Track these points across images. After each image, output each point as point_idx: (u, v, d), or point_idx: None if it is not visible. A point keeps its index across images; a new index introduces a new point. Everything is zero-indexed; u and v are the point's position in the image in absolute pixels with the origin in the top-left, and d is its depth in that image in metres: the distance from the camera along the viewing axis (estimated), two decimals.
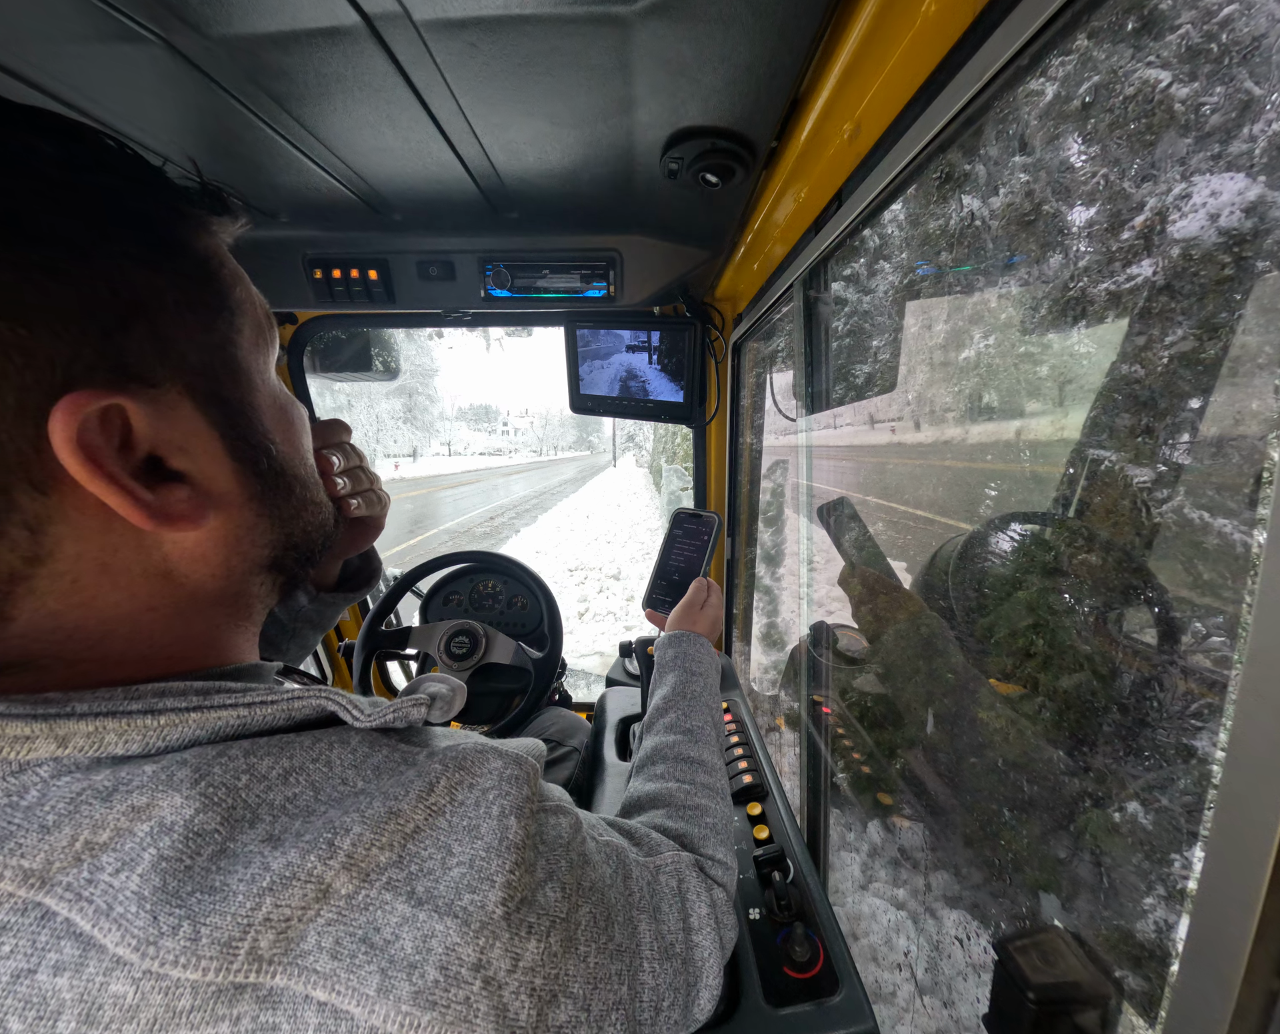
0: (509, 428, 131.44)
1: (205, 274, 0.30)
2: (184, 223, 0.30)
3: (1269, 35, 1.13)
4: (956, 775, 1.29)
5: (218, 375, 0.30)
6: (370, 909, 0.25)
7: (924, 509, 5.20)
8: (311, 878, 0.24)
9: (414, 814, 0.27)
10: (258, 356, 0.34)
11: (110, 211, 0.26)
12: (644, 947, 0.35)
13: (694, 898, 0.41)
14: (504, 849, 0.28)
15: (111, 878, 0.22)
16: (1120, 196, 1.65)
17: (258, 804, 0.26)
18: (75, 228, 0.25)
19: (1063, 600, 1.10)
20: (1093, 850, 0.86)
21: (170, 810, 0.24)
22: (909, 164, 0.50)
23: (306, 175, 0.74)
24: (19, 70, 0.52)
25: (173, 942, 0.22)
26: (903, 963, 1.40)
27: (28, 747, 0.24)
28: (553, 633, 1.27)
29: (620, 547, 8.71)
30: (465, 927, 0.25)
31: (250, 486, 0.32)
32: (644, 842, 0.43)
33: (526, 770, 0.32)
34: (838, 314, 3.93)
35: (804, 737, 1.16)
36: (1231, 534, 0.93)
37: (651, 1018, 0.34)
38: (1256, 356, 0.96)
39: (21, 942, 0.22)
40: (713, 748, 0.58)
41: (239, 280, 0.33)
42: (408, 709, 0.33)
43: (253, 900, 0.23)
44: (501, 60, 0.50)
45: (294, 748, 0.28)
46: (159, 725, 0.26)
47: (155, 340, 0.27)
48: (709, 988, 0.39)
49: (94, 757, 0.25)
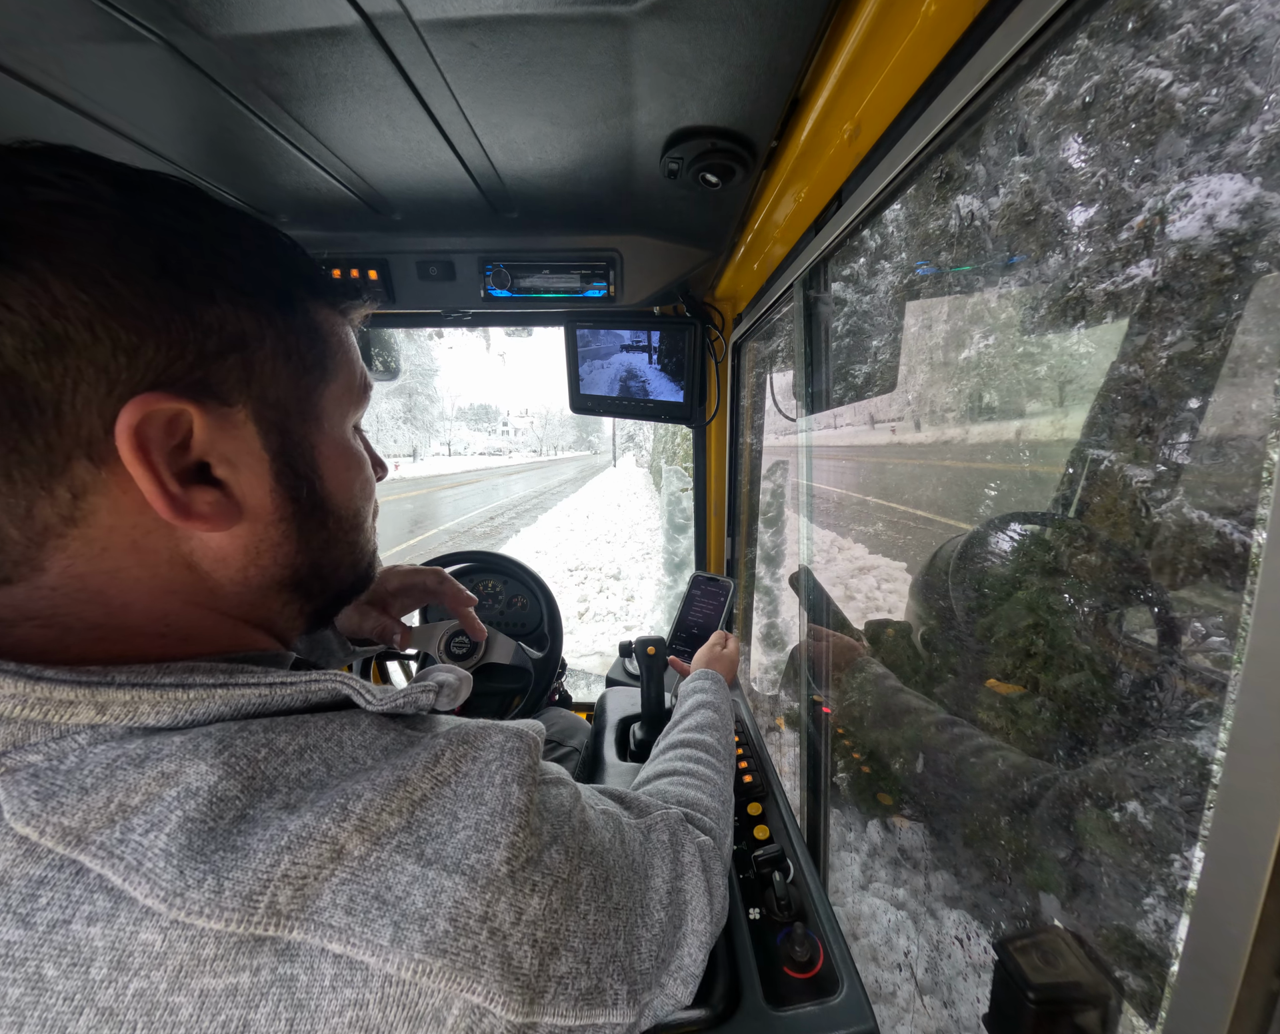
0: (509, 428, 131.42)
1: (311, 338, 0.35)
2: (313, 298, 0.36)
3: (1268, 35, 1.13)
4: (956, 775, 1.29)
5: (289, 411, 0.34)
6: (382, 870, 0.26)
7: (924, 509, 5.20)
8: (326, 839, 0.26)
9: (421, 783, 0.29)
10: (336, 410, 0.38)
11: (246, 275, 0.32)
12: (640, 905, 0.38)
13: (680, 846, 0.45)
14: (507, 813, 0.30)
15: (141, 837, 0.24)
16: (1120, 197, 1.65)
17: (275, 776, 0.27)
18: (212, 279, 0.30)
19: (1063, 600, 1.10)
20: (1092, 851, 0.86)
21: (196, 777, 0.25)
22: (909, 164, 0.50)
23: (306, 175, 0.74)
24: (19, 70, 0.52)
25: (198, 893, 0.23)
26: (903, 963, 1.40)
27: (70, 711, 0.26)
28: (553, 633, 1.27)
29: (620, 546, 8.71)
30: (472, 883, 0.27)
31: (283, 508, 0.35)
32: (634, 805, 0.46)
33: (528, 742, 0.34)
34: (838, 314, 3.93)
35: (804, 737, 1.16)
36: (1231, 534, 0.93)
37: (646, 968, 0.36)
38: (1256, 356, 0.96)
39: (57, 894, 0.23)
40: (720, 752, 0.65)
41: (343, 351, 0.38)
42: (417, 695, 0.35)
43: (272, 858, 0.24)
44: (501, 60, 0.50)
45: (309, 727, 0.30)
46: (188, 699, 0.28)
47: (244, 371, 0.31)
48: (695, 933, 0.41)
49: (128, 726, 0.27)
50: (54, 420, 0.26)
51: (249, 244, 0.33)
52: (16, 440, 0.26)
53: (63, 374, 0.26)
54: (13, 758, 0.25)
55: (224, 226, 0.32)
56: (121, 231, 0.27)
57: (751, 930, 0.65)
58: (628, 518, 11.57)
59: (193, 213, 0.31)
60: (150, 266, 0.28)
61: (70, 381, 0.26)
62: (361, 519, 0.42)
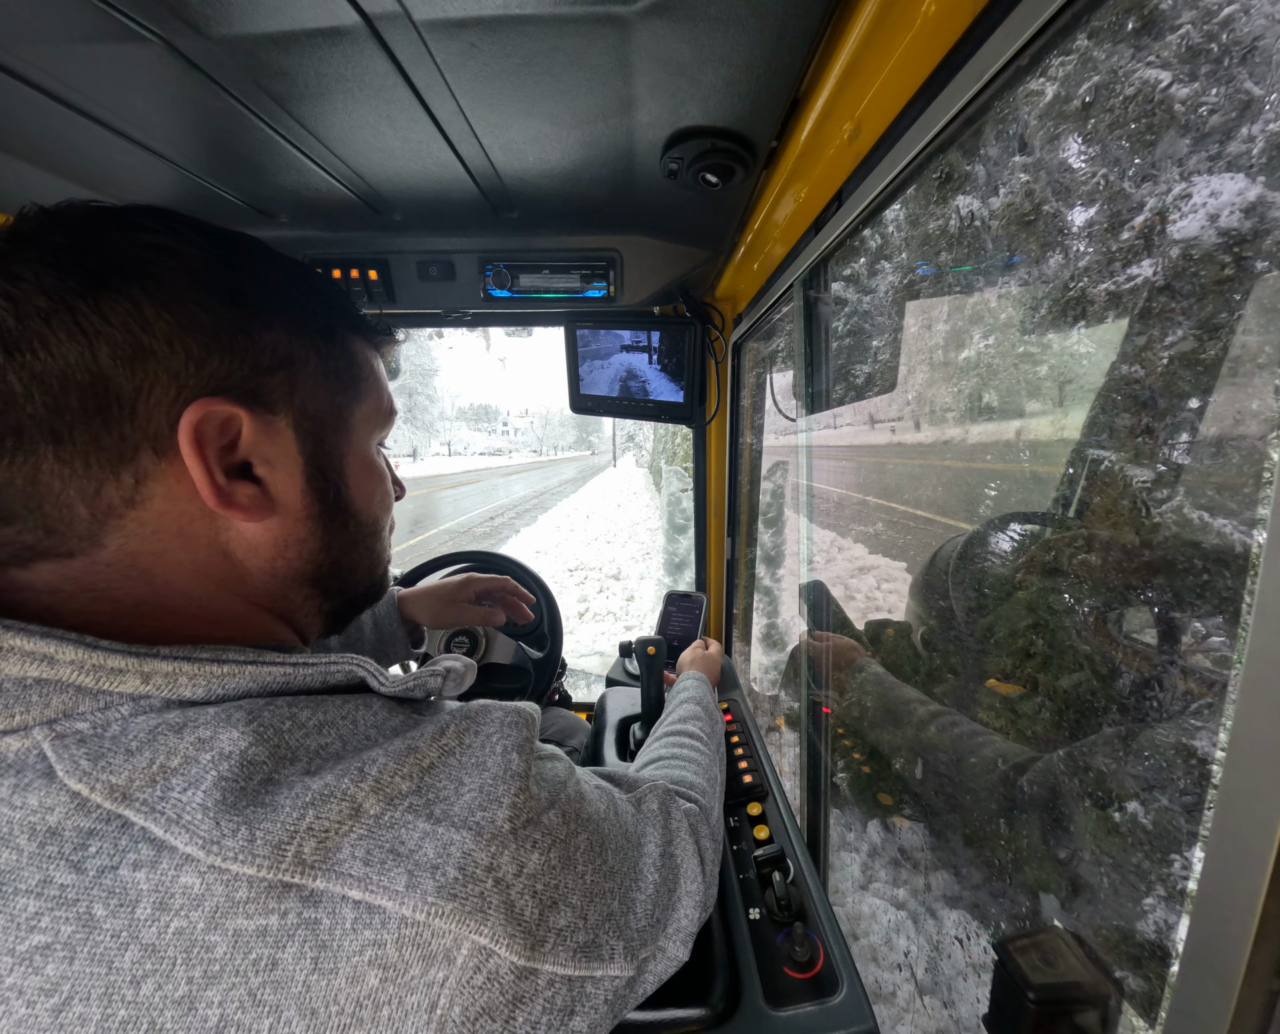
0: (509, 428, 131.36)
1: (347, 364, 0.41)
2: (351, 332, 0.42)
3: (1268, 36, 1.13)
4: (955, 775, 1.29)
5: (324, 423, 0.39)
6: (395, 828, 0.29)
7: (924, 509, 5.20)
8: (346, 796, 0.28)
9: (429, 752, 0.32)
10: (364, 427, 0.43)
11: (299, 309, 0.38)
12: (634, 870, 0.40)
13: (669, 814, 0.48)
14: (509, 777, 0.33)
15: (181, 794, 0.27)
16: (1120, 196, 1.66)
17: (297, 746, 0.30)
18: (271, 311, 0.36)
19: (1062, 600, 1.10)
20: (1092, 851, 0.86)
21: (229, 742, 0.28)
22: (909, 164, 0.50)
23: (306, 175, 0.74)
24: (19, 70, 0.52)
25: (233, 841, 0.26)
26: (903, 963, 1.40)
27: (119, 679, 0.29)
28: (553, 633, 1.27)
29: (620, 546, 8.71)
30: (479, 836, 0.30)
31: (311, 507, 0.39)
32: (624, 781, 0.50)
33: (525, 717, 0.37)
34: (838, 314, 3.93)
35: (804, 737, 1.16)
36: (1231, 534, 0.93)
37: (642, 926, 0.38)
38: (1256, 356, 0.96)
39: (105, 844, 0.26)
40: (702, 737, 0.70)
41: (374, 378, 0.44)
42: (425, 678, 0.38)
43: (297, 812, 0.27)
44: (501, 60, 0.50)
45: (328, 705, 0.33)
46: (221, 673, 0.31)
47: (289, 385, 0.37)
48: (689, 894, 0.44)
49: (166, 698, 0.30)
50: (129, 416, 0.30)
51: (304, 286, 0.39)
52: (98, 432, 0.30)
53: (142, 378, 0.30)
54: (63, 725, 0.28)
55: (286, 271, 0.39)
56: (204, 269, 0.33)
57: (751, 930, 0.65)
58: (628, 518, 11.57)
59: (262, 258, 0.37)
60: (224, 296, 0.33)
61: (148, 385, 0.31)
62: (379, 528, 0.46)
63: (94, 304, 0.29)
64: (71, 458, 0.30)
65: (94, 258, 0.30)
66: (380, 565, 0.47)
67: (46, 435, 0.29)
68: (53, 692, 0.28)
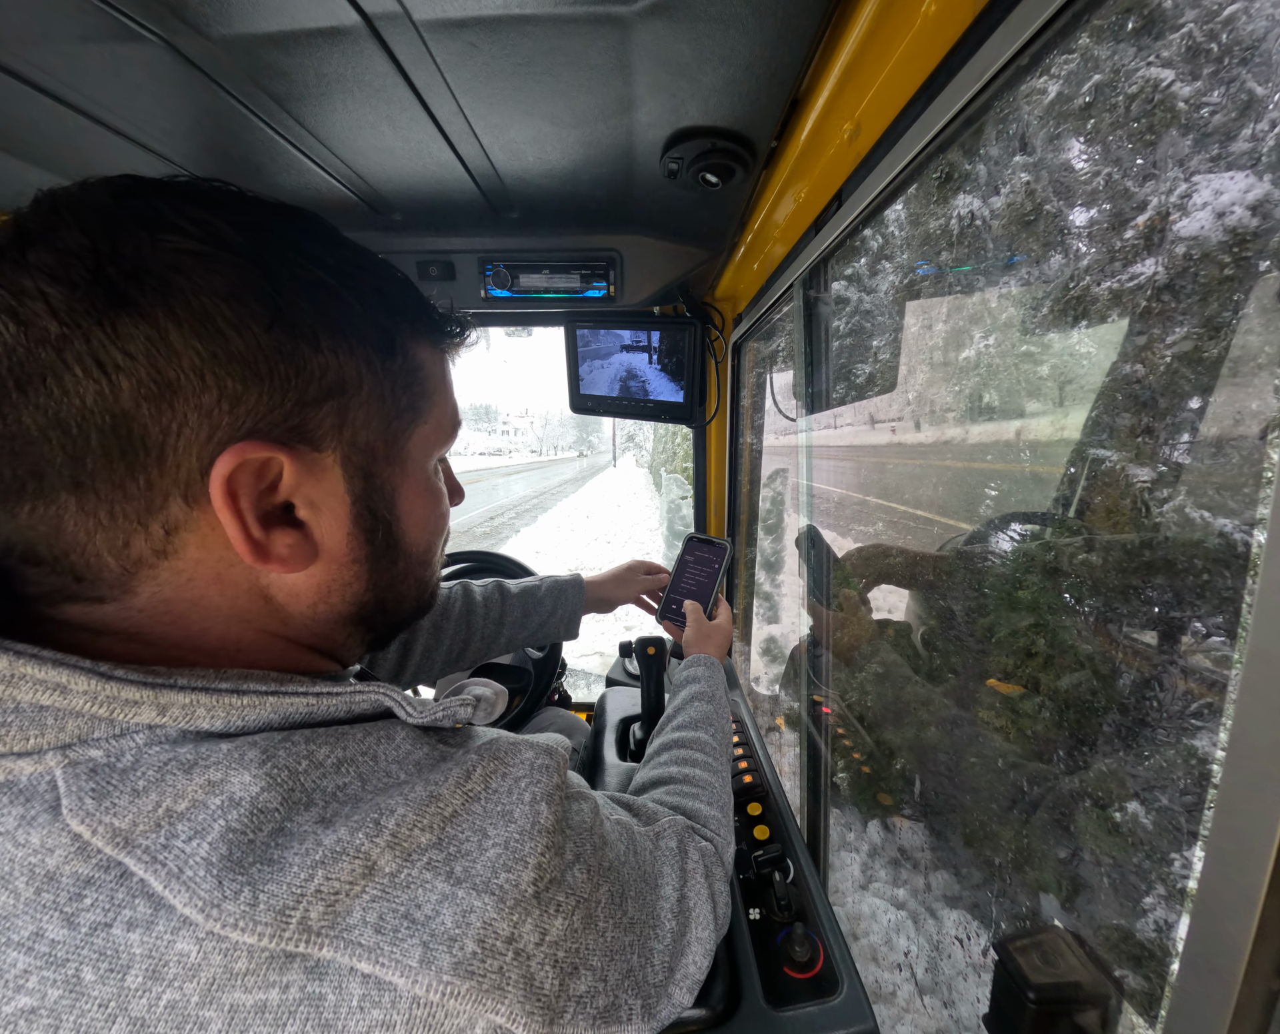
0: (509, 428, 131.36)
1: (409, 380, 0.36)
2: (415, 337, 0.37)
3: (1269, 36, 1.13)
4: (955, 774, 1.29)
5: (375, 456, 0.35)
6: (412, 887, 0.27)
7: (924, 509, 5.20)
8: (359, 854, 0.26)
9: (452, 799, 0.30)
10: (422, 450, 0.38)
11: (354, 319, 0.32)
12: (652, 916, 0.39)
13: (686, 852, 0.46)
14: (536, 833, 0.31)
15: (184, 844, 0.25)
16: (1122, 196, 1.65)
17: (313, 788, 0.28)
18: (320, 326, 0.30)
19: (1063, 600, 1.10)
20: (1093, 850, 0.86)
21: (240, 787, 0.26)
22: (909, 164, 0.50)
23: (306, 175, 0.74)
24: (19, 70, 0.52)
25: (234, 905, 0.24)
26: (903, 963, 1.40)
27: (134, 711, 0.27)
28: None
29: (620, 546, 8.71)
30: (501, 903, 0.28)
31: (358, 550, 0.35)
32: (642, 812, 0.48)
33: (557, 760, 0.34)
34: (838, 314, 3.93)
35: (804, 737, 1.16)
36: (1232, 534, 0.93)
37: (659, 980, 0.37)
38: (1256, 356, 0.96)
39: (101, 896, 0.24)
40: (716, 749, 0.63)
41: (439, 390, 0.39)
42: (455, 708, 0.36)
43: (306, 872, 0.25)
44: (501, 60, 0.50)
45: (348, 739, 0.31)
46: (240, 705, 0.29)
47: (338, 417, 0.32)
48: (699, 941, 0.41)
49: (182, 729, 0.28)
50: (157, 461, 0.27)
51: (362, 286, 0.33)
52: (123, 479, 0.27)
53: (170, 418, 0.27)
54: (77, 750, 0.26)
55: (341, 268, 0.32)
56: (240, 279, 0.28)
57: (751, 930, 0.65)
58: (628, 518, 11.56)
59: (313, 255, 0.31)
60: (263, 316, 0.28)
61: (176, 426, 0.27)
62: (432, 554, 0.42)
63: (112, 332, 0.25)
64: (95, 509, 0.27)
65: (112, 267, 0.26)
66: (429, 589, 0.44)
67: (68, 483, 0.26)
68: (68, 717, 0.26)
